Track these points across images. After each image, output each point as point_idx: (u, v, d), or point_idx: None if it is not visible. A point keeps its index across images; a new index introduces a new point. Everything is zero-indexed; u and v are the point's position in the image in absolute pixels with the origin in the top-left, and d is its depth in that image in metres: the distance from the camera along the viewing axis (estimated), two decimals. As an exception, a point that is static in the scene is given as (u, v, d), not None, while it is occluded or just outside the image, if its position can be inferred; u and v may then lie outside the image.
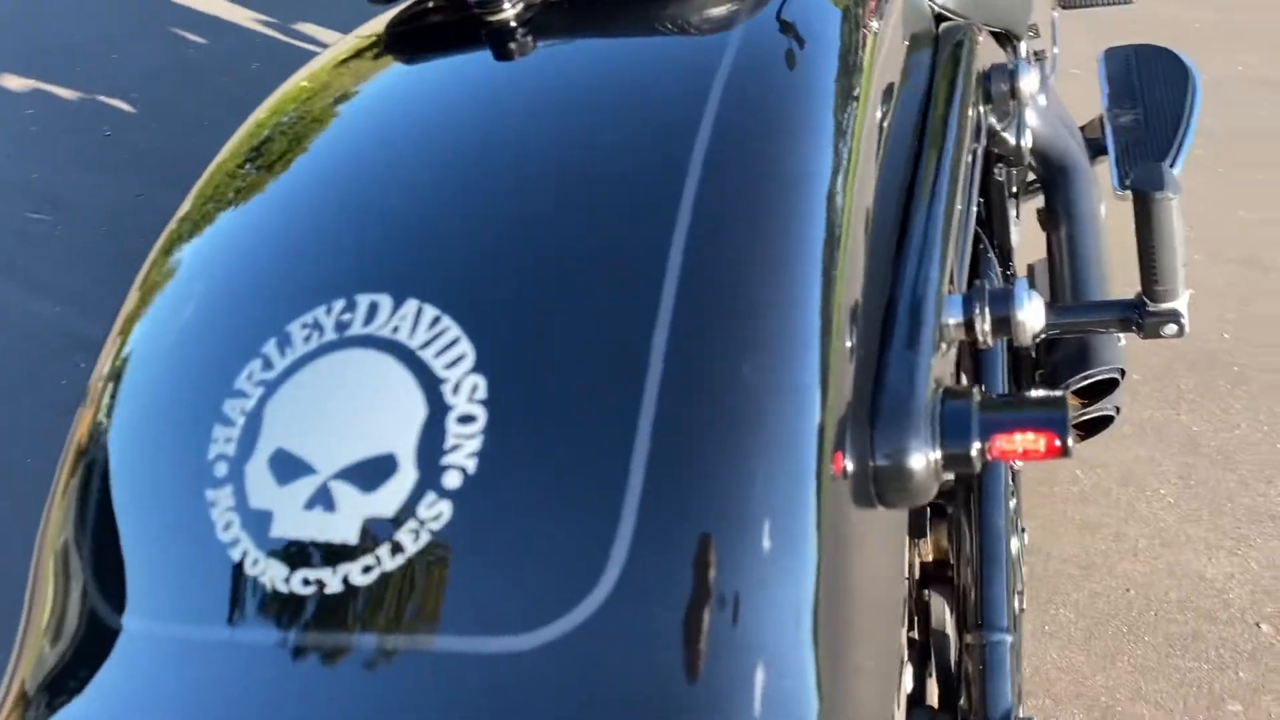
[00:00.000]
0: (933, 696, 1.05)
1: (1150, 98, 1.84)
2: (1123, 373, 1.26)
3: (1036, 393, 0.78)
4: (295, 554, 0.58)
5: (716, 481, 0.54)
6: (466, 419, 0.58)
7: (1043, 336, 0.93)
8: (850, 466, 0.59)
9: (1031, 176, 1.70)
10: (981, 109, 1.10)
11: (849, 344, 0.62)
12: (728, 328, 0.59)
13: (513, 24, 0.82)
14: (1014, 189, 1.73)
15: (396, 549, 0.56)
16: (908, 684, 0.92)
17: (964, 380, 1.20)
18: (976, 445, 0.64)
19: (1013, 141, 1.25)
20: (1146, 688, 1.58)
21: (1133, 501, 1.87)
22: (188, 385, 0.68)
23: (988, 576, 1.00)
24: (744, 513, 0.53)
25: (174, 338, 0.72)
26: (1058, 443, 0.65)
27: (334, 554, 0.57)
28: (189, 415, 0.65)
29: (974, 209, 1.14)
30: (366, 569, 0.56)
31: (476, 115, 0.78)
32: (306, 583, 0.57)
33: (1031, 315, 0.74)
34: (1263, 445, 1.96)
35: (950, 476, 0.83)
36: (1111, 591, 1.72)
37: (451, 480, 0.57)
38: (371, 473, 0.58)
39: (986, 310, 0.74)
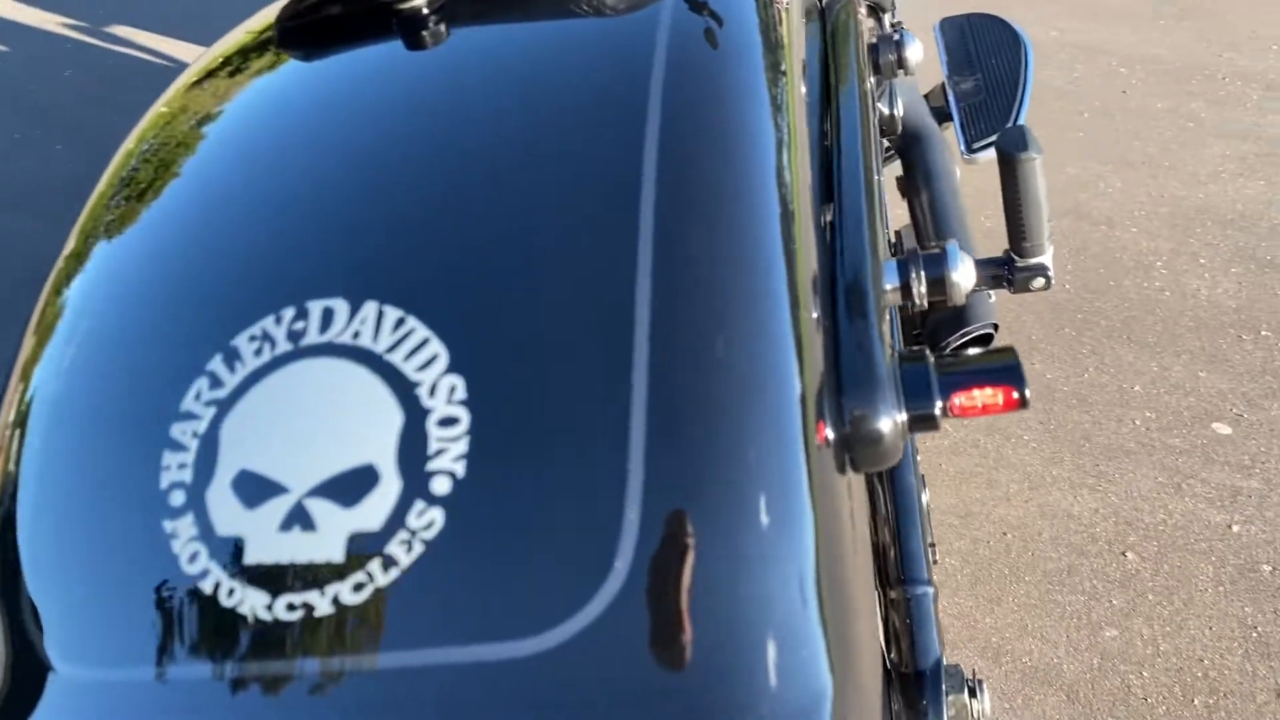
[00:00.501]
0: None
1: (986, 64, 1.92)
2: (996, 327, 1.33)
3: (980, 350, 0.80)
4: (275, 579, 0.54)
5: (713, 465, 0.54)
6: (448, 421, 0.56)
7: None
8: (830, 435, 0.59)
9: (886, 144, 1.77)
10: (871, 80, 1.12)
11: (814, 315, 0.62)
12: (705, 311, 0.58)
13: (426, 11, 0.79)
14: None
15: (389, 563, 0.53)
16: None
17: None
18: (939, 404, 0.66)
19: (887, 111, 1.29)
20: (1031, 624, 1.67)
21: (1000, 449, 1.96)
22: (125, 414, 0.62)
23: (905, 531, 1.03)
24: (742, 492, 0.53)
25: (97, 368, 0.66)
26: (1015, 395, 0.67)
27: (319, 575, 0.54)
28: (131, 445, 0.61)
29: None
30: (358, 587, 0.53)
31: (398, 105, 0.75)
32: (292, 608, 0.54)
33: (964, 275, 0.77)
34: (1110, 386, 2.09)
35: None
36: (991, 537, 1.81)
37: (440, 486, 0.54)
38: (351, 486, 0.55)
39: (922, 273, 0.76)
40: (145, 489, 0.58)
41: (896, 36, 1.15)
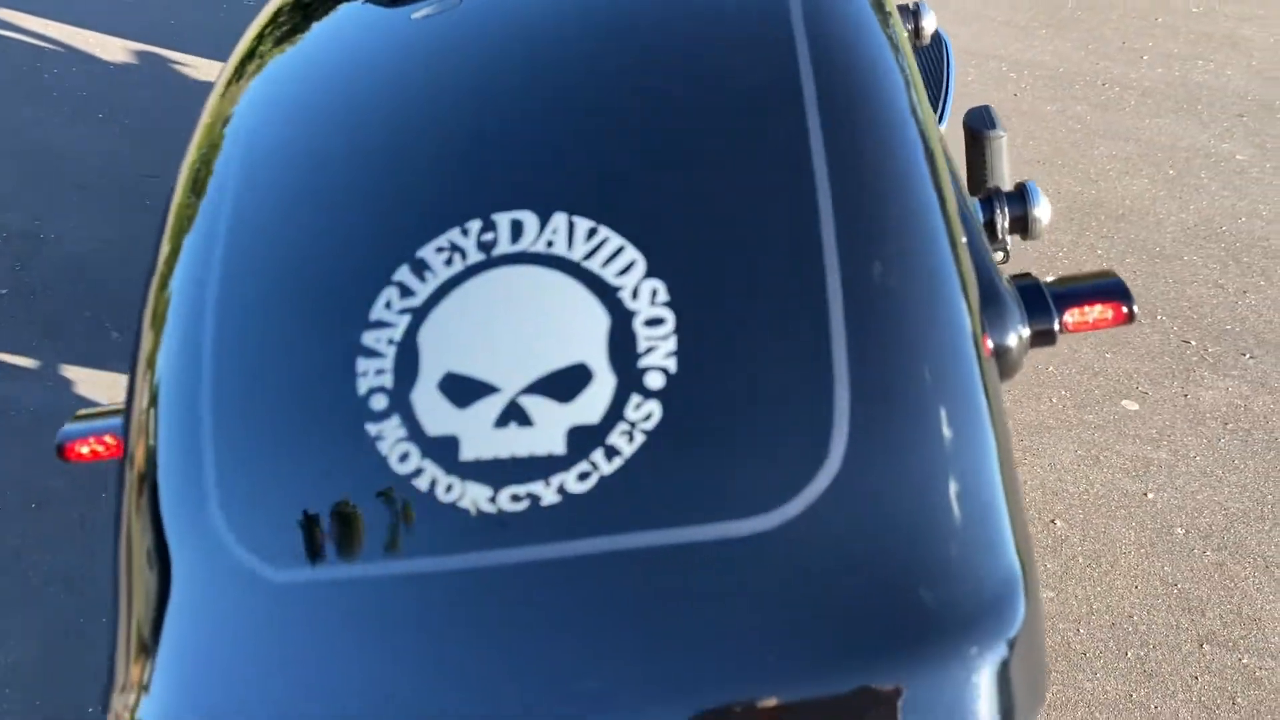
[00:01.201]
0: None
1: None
2: None
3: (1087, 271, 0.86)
4: (496, 472, 0.56)
5: (909, 368, 0.58)
6: (654, 321, 0.59)
7: None
8: (991, 347, 0.65)
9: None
10: None
11: (963, 240, 0.67)
12: (883, 223, 0.62)
13: None
14: None
15: (612, 453, 0.56)
16: None
17: None
18: (1056, 320, 0.71)
19: None
20: (975, 588, 1.76)
21: (932, 427, 2.06)
22: (316, 324, 0.63)
23: None
24: (935, 394, 0.58)
25: (282, 285, 0.66)
26: (1125, 309, 0.73)
27: (541, 466, 0.56)
28: (325, 353, 0.61)
29: None
30: (583, 476, 0.56)
31: (555, 28, 0.75)
32: (516, 499, 0.56)
33: (1044, 211, 0.83)
34: (1026, 368, 2.21)
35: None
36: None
37: (654, 381, 0.57)
38: (565, 384, 0.58)
39: (1005, 210, 0.82)
40: (343, 396, 0.59)
41: (913, 6, 1.22)
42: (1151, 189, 2.74)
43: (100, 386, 2.20)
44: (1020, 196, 0.83)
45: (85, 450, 0.81)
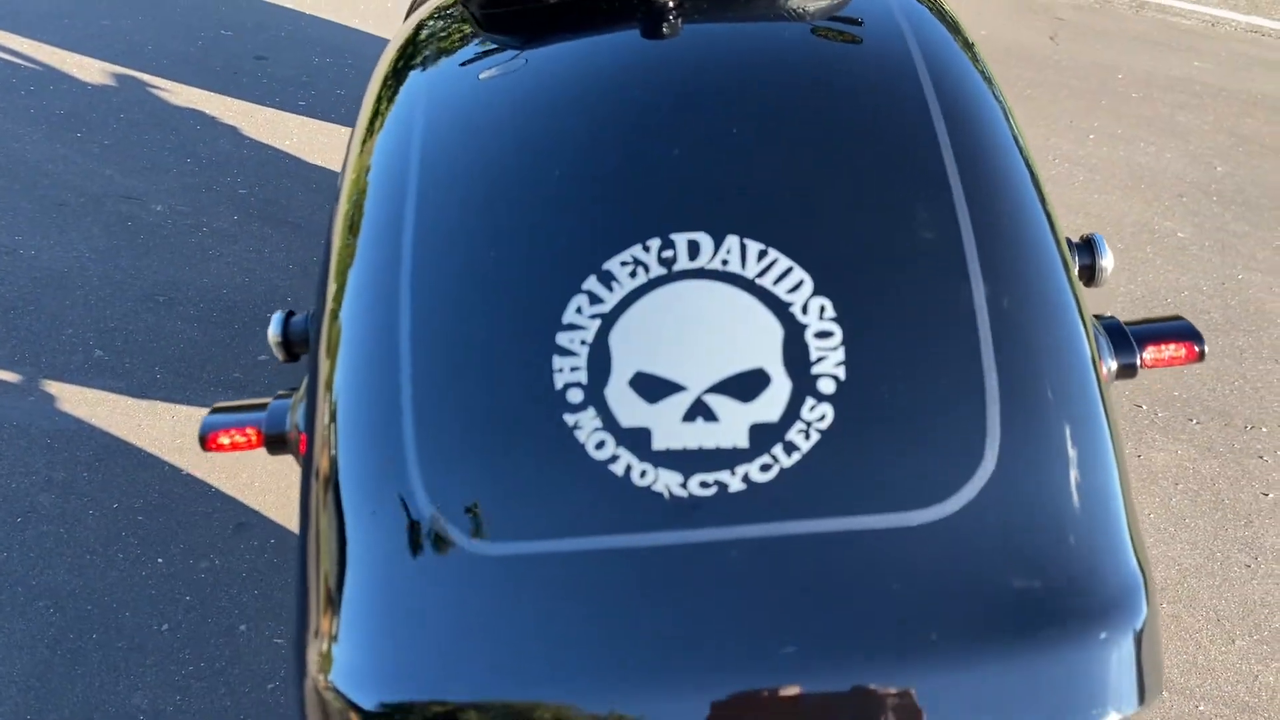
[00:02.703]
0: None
1: None
2: None
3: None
4: (685, 462, 0.63)
5: (1049, 385, 0.66)
6: (824, 334, 0.66)
7: None
8: (1108, 373, 0.72)
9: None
10: None
11: (1075, 272, 0.75)
12: (1019, 255, 0.70)
13: None
14: None
15: (790, 448, 0.63)
16: None
17: None
18: (1138, 356, 0.80)
19: None
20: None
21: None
22: (511, 325, 0.69)
23: None
24: (1071, 411, 0.66)
25: (466, 282, 0.71)
26: (1197, 349, 0.82)
27: (727, 458, 0.63)
28: (522, 351, 0.67)
29: None
30: (765, 467, 0.63)
31: (725, 69, 0.81)
32: (705, 485, 0.62)
33: (1109, 262, 0.92)
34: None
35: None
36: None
37: (826, 387, 0.65)
38: (746, 386, 0.64)
39: (1076, 258, 0.90)
40: (541, 389, 0.65)
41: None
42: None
43: (85, 403, 2.20)
44: (1089, 247, 0.92)
45: (226, 441, 0.86)
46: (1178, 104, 3.78)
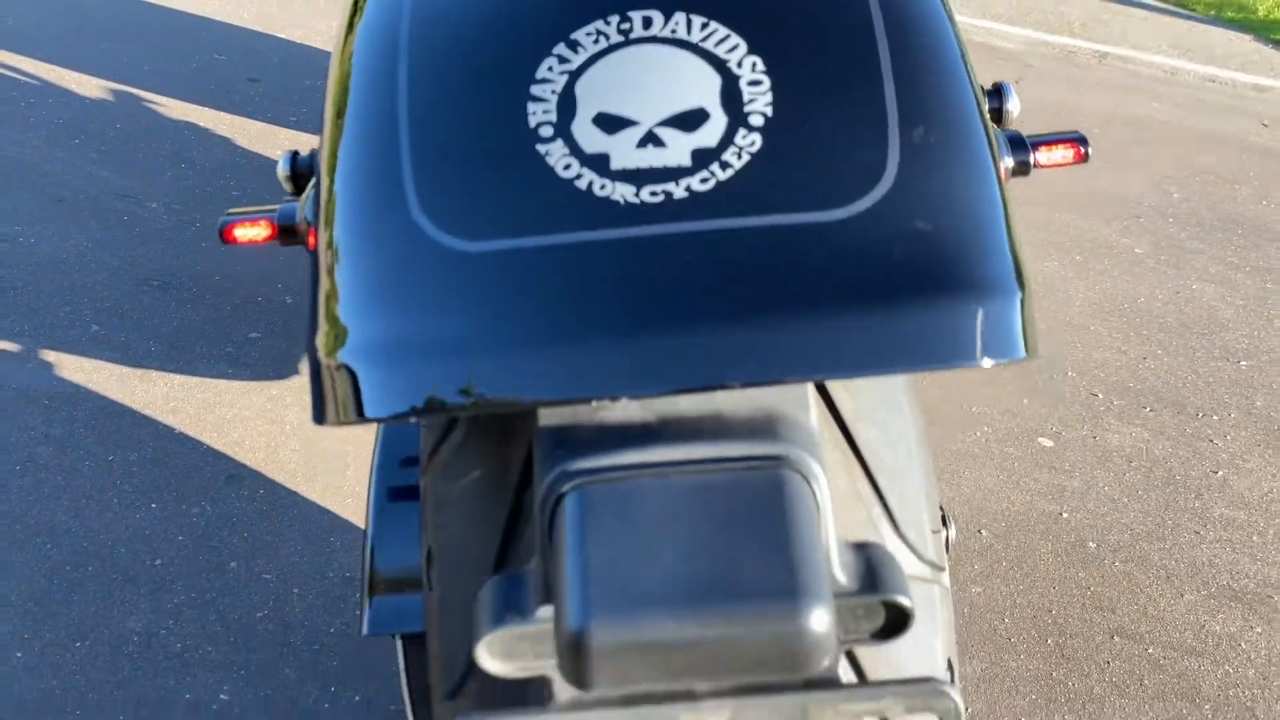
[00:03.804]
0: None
1: None
2: None
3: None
4: (638, 178, 0.77)
5: (945, 125, 0.81)
6: (755, 83, 0.81)
7: None
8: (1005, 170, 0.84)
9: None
10: None
11: (980, 89, 0.89)
12: (923, 45, 0.84)
13: None
14: None
15: (725, 165, 0.78)
16: None
17: None
18: (1031, 155, 0.97)
19: None
20: (912, 580, 1.93)
21: (871, 448, 2.25)
22: (492, 79, 0.83)
23: None
24: (959, 142, 0.80)
25: (464, 52, 0.85)
26: (1083, 150, 1.02)
27: (673, 174, 0.77)
28: (501, 97, 0.81)
29: None
30: (704, 180, 0.77)
31: None
32: (654, 194, 0.77)
33: (1015, 106, 1.06)
34: (955, 405, 2.42)
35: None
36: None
37: (756, 121, 0.79)
38: (689, 120, 0.79)
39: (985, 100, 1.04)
40: (517, 127, 0.80)
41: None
42: (1061, 271, 3.03)
43: (83, 371, 2.28)
44: (998, 92, 1.06)
45: (242, 234, 1.03)
46: (1137, 139, 3.95)
